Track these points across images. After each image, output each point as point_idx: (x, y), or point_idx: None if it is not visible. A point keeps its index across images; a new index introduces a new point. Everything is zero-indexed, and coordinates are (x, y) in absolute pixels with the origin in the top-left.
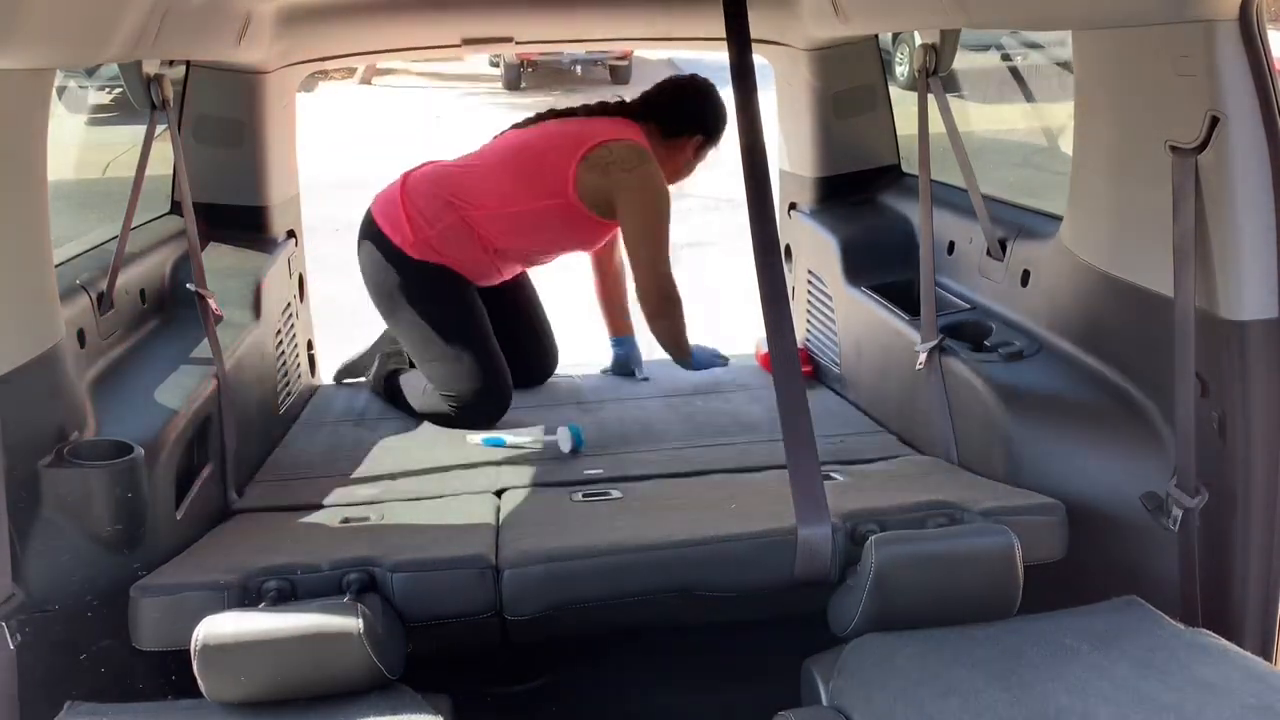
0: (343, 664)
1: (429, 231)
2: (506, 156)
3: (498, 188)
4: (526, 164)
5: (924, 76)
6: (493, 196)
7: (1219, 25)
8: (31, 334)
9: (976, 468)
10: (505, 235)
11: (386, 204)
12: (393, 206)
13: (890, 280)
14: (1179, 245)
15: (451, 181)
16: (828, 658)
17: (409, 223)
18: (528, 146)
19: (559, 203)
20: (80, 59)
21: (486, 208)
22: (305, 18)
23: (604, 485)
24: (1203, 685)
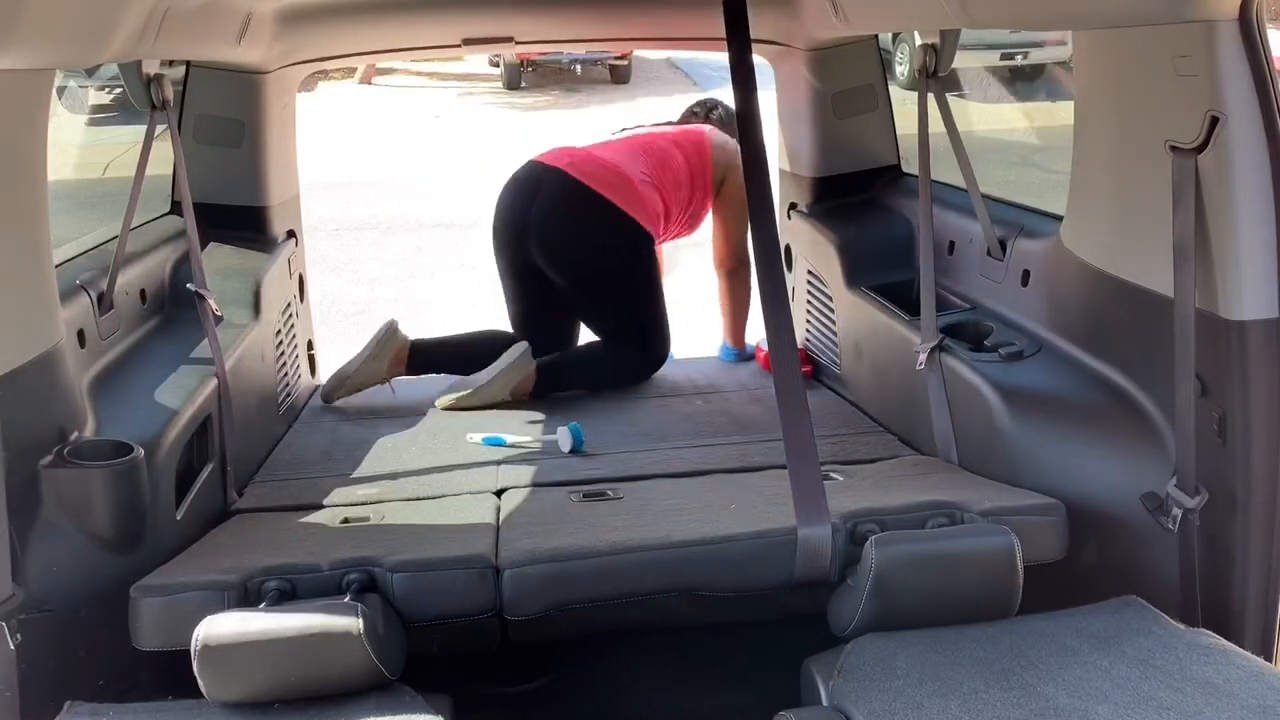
0: (343, 664)
1: (655, 209)
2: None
3: (669, 175)
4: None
5: (924, 76)
6: (666, 180)
7: (1219, 25)
8: (31, 334)
9: (976, 468)
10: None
11: (620, 181)
12: (626, 185)
13: (890, 280)
14: (1179, 245)
15: (650, 162)
16: (828, 658)
17: (647, 201)
18: (666, 139)
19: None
20: (80, 59)
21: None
22: (305, 18)
23: (604, 485)
24: (1203, 685)
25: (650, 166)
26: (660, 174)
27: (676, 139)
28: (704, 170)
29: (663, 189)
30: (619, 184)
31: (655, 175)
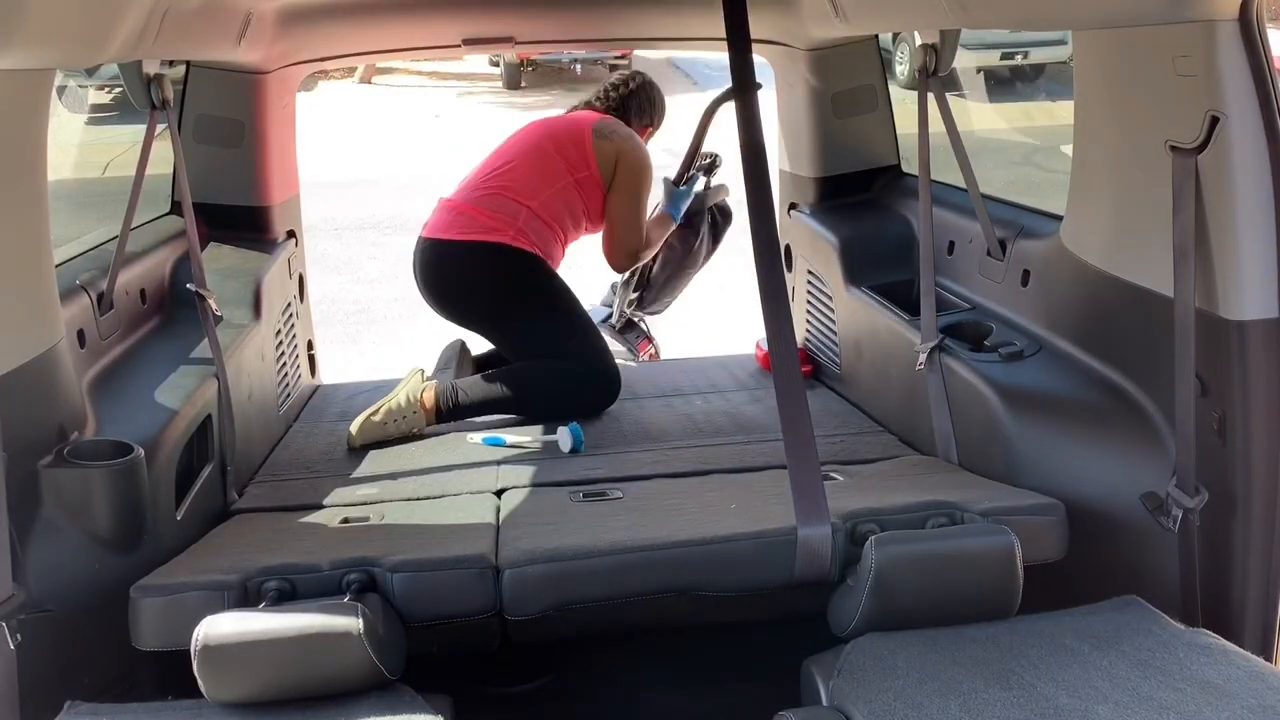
0: (343, 664)
1: (516, 225)
2: (529, 144)
3: (538, 172)
4: (549, 145)
5: (924, 76)
6: (536, 181)
7: (1219, 25)
8: (31, 334)
9: (976, 468)
10: (557, 216)
11: (460, 220)
12: (467, 220)
13: (890, 280)
14: (1179, 245)
15: (496, 181)
16: (828, 658)
17: (494, 223)
18: (542, 132)
19: (584, 175)
20: (80, 59)
21: (539, 194)
22: (305, 18)
23: (604, 485)
24: (1203, 685)
25: (502, 176)
26: (519, 179)
27: (553, 131)
28: (586, 163)
29: (520, 195)
30: (461, 220)
31: (510, 184)
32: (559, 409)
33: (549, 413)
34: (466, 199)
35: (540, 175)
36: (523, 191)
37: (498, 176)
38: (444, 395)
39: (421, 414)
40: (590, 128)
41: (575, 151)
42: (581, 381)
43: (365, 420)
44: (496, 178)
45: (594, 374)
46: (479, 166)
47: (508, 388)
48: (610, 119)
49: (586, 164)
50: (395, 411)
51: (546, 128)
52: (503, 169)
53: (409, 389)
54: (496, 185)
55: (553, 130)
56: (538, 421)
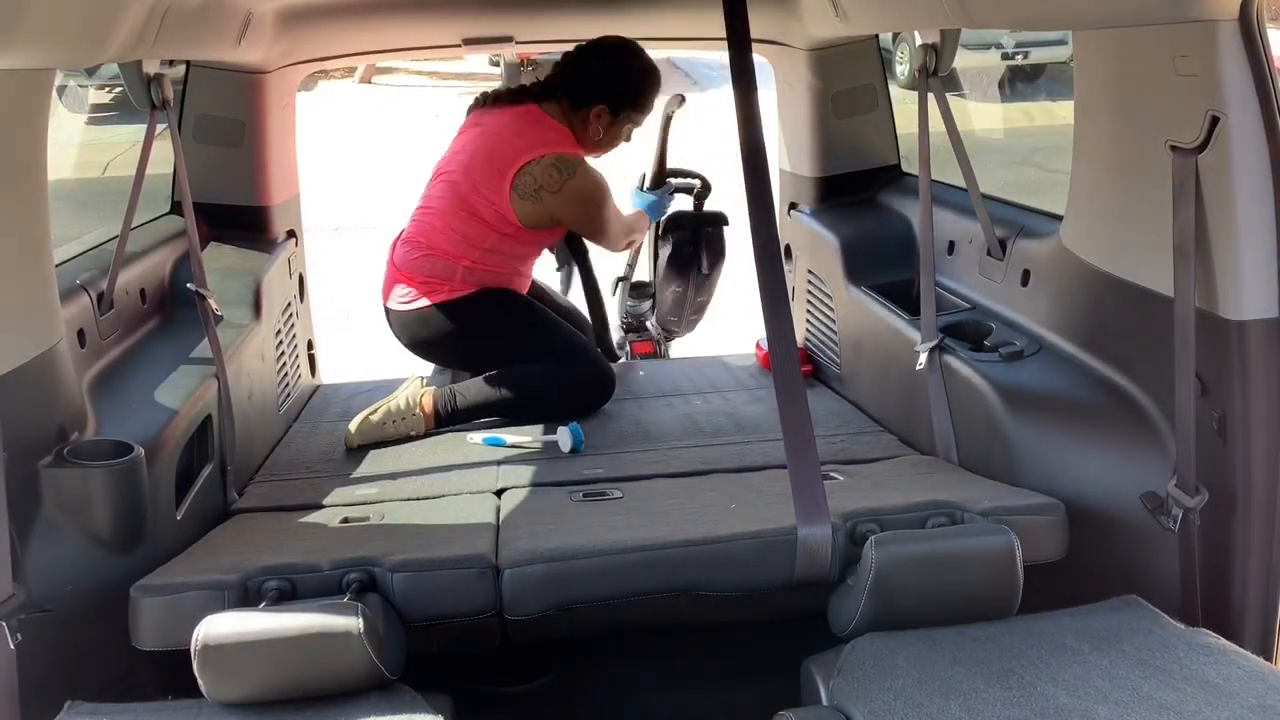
0: (343, 664)
1: (453, 282)
2: (447, 208)
3: (462, 234)
4: (467, 209)
5: (924, 76)
6: (461, 243)
7: (1219, 25)
8: (31, 334)
9: (976, 468)
10: (501, 262)
11: (400, 288)
12: (405, 287)
13: (890, 280)
14: (1179, 245)
15: (425, 238)
16: (828, 658)
17: (431, 286)
18: (457, 192)
19: (512, 230)
20: (80, 59)
21: (469, 253)
22: (305, 18)
23: (604, 485)
24: (1203, 685)
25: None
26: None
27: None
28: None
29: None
30: (400, 288)
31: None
32: (555, 410)
33: (546, 414)
34: (402, 260)
35: (464, 237)
36: (453, 252)
37: (425, 233)
38: (442, 399)
39: (421, 418)
40: (509, 186)
41: (498, 214)
42: (575, 382)
43: (364, 420)
44: (425, 234)
45: (586, 374)
46: (418, 203)
47: (505, 391)
48: (546, 153)
49: (513, 226)
50: (394, 413)
51: (463, 175)
52: (430, 222)
53: (409, 392)
54: (425, 244)
55: (473, 181)
56: (536, 422)
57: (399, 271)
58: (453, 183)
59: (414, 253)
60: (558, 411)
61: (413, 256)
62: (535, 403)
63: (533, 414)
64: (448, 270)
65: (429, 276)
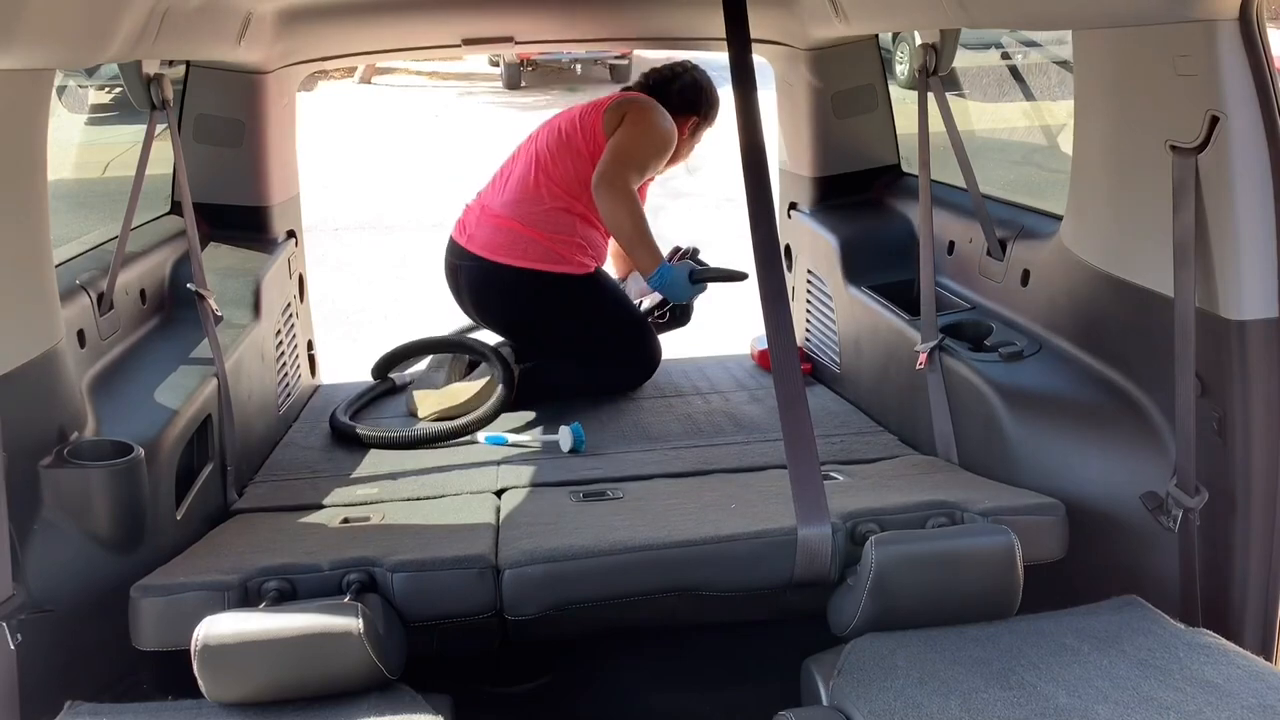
0: (343, 664)
1: (573, 243)
2: (551, 140)
3: (572, 163)
4: (567, 137)
5: (924, 76)
6: (573, 177)
7: (1219, 25)
8: (31, 334)
9: (976, 468)
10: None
11: (518, 243)
12: (526, 243)
13: (890, 280)
14: (1179, 245)
15: (544, 188)
16: (828, 658)
17: (554, 246)
18: (561, 126)
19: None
20: (80, 59)
21: (583, 193)
22: (305, 18)
23: (604, 485)
24: (1203, 685)
25: (550, 181)
26: (559, 178)
27: (582, 118)
28: (596, 144)
29: (566, 200)
30: (518, 243)
31: (560, 188)
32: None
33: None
34: (523, 218)
35: (576, 173)
36: (568, 195)
37: (540, 184)
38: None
39: None
40: (606, 103)
41: (591, 133)
42: (627, 370)
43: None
44: (543, 189)
45: (636, 363)
46: (517, 174)
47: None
48: (634, 94)
49: (597, 139)
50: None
51: (566, 118)
52: (544, 175)
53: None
54: (548, 195)
55: (574, 119)
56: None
57: (518, 225)
58: (556, 128)
59: (538, 205)
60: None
61: (539, 210)
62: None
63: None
64: (570, 226)
65: (554, 232)
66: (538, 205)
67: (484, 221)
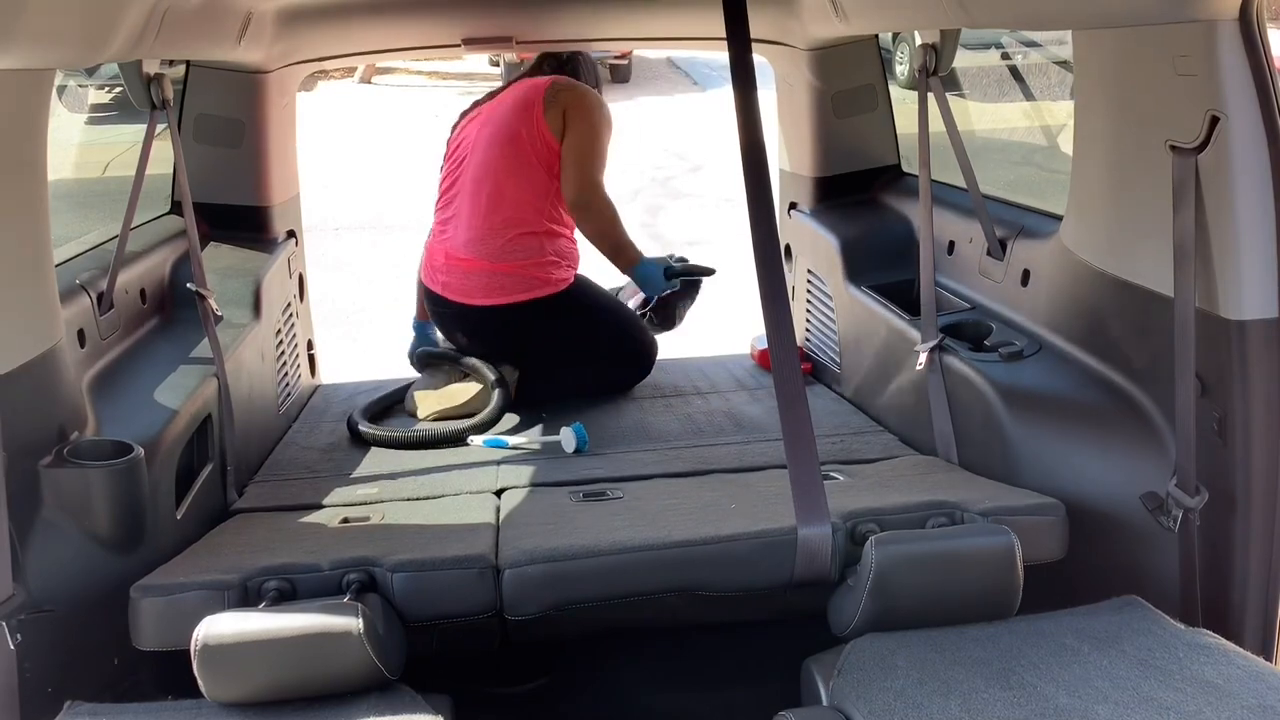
0: (343, 664)
1: (546, 261)
2: (493, 159)
3: (527, 185)
4: (513, 150)
5: (924, 76)
6: (531, 197)
7: (1219, 25)
8: (31, 334)
9: (976, 468)
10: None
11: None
12: (504, 280)
13: (890, 280)
14: (1179, 245)
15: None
16: (828, 658)
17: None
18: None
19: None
20: (80, 59)
21: (542, 210)
22: (305, 18)
23: (604, 485)
24: (1203, 685)
25: (505, 208)
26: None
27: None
28: (546, 143)
29: (532, 224)
30: (493, 282)
31: (518, 214)
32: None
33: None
34: (487, 255)
35: (533, 187)
36: (531, 217)
37: (498, 214)
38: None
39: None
40: (537, 101)
41: (537, 136)
42: (624, 369)
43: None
44: (498, 216)
45: (633, 360)
46: (468, 209)
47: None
48: (560, 78)
49: (545, 141)
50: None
51: (495, 134)
52: (498, 200)
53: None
54: (507, 225)
55: (506, 128)
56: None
57: (490, 265)
58: (495, 141)
59: (499, 238)
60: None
61: (500, 243)
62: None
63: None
64: (537, 248)
65: (524, 260)
66: (499, 238)
67: (453, 268)
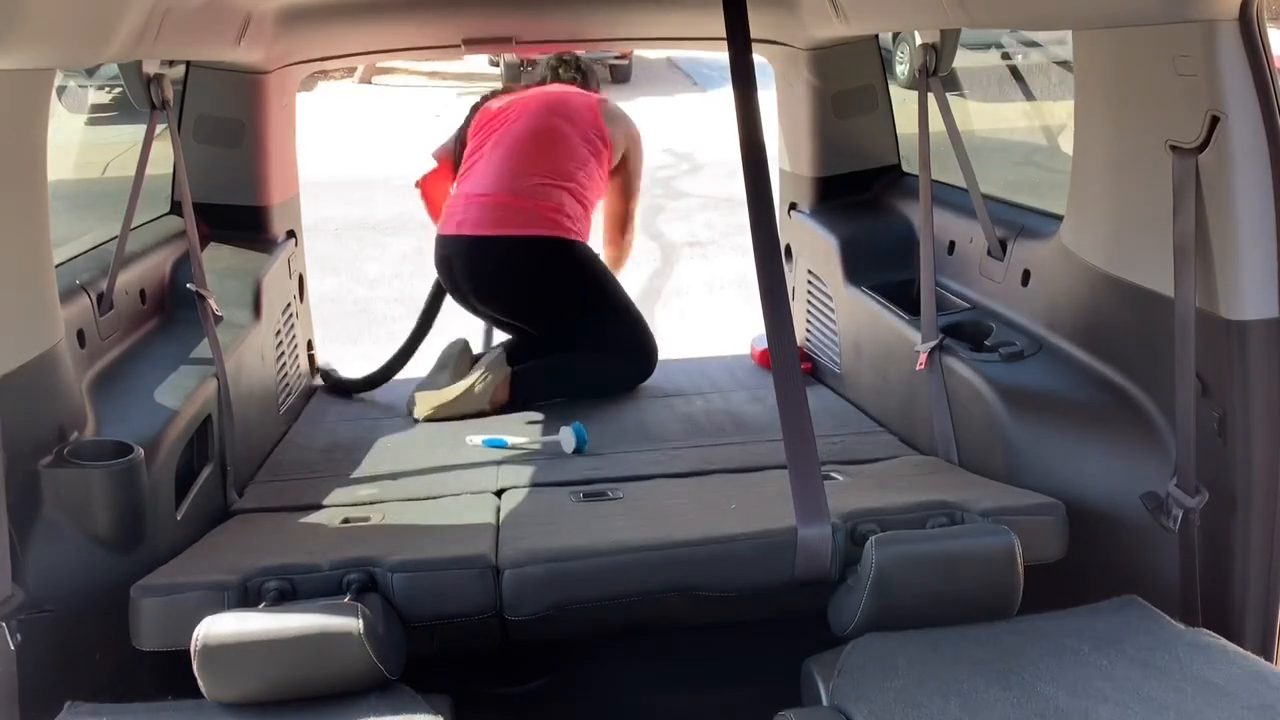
0: (343, 664)
1: (565, 212)
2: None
3: (565, 153)
4: (565, 126)
5: (924, 76)
6: (566, 163)
7: (1219, 25)
8: (31, 334)
9: (976, 468)
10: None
11: (511, 215)
12: (521, 214)
13: (890, 280)
14: (1179, 245)
15: (534, 168)
16: (828, 658)
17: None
18: (553, 111)
19: (602, 152)
20: (80, 59)
21: (573, 176)
22: (305, 18)
23: (604, 485)
24: (1203, 685)
25: (537, 162)
26: (552, 164)
27: (563, 110)
28: (603, 141)
29: (560, 179)
30: (507, 214)
31: (547, 170)
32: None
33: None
34: (511, 191)
35: (568, 156)
36: (560, 174)
37: (532, 163)
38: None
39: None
40: (598, 104)
41: (592, 131)
42: (625, 363)
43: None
44: (532, 165)
45: (636, 354)
46: (500, 158)
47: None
48: (607, 102)
49: (603, 141)
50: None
51: (550, 108)
52: (531, 154)
53: (485, 382)
54: (537, 173)
55: (562, 109)
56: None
57: (510, 199)
58: (539, 114)
59: (526, 180)
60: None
61: (522, 185)
62: (588, 385)
63: (585, 393)
64: (559, 199)
65: (546, 201)
66: (528, 179)
67: (470, 205)
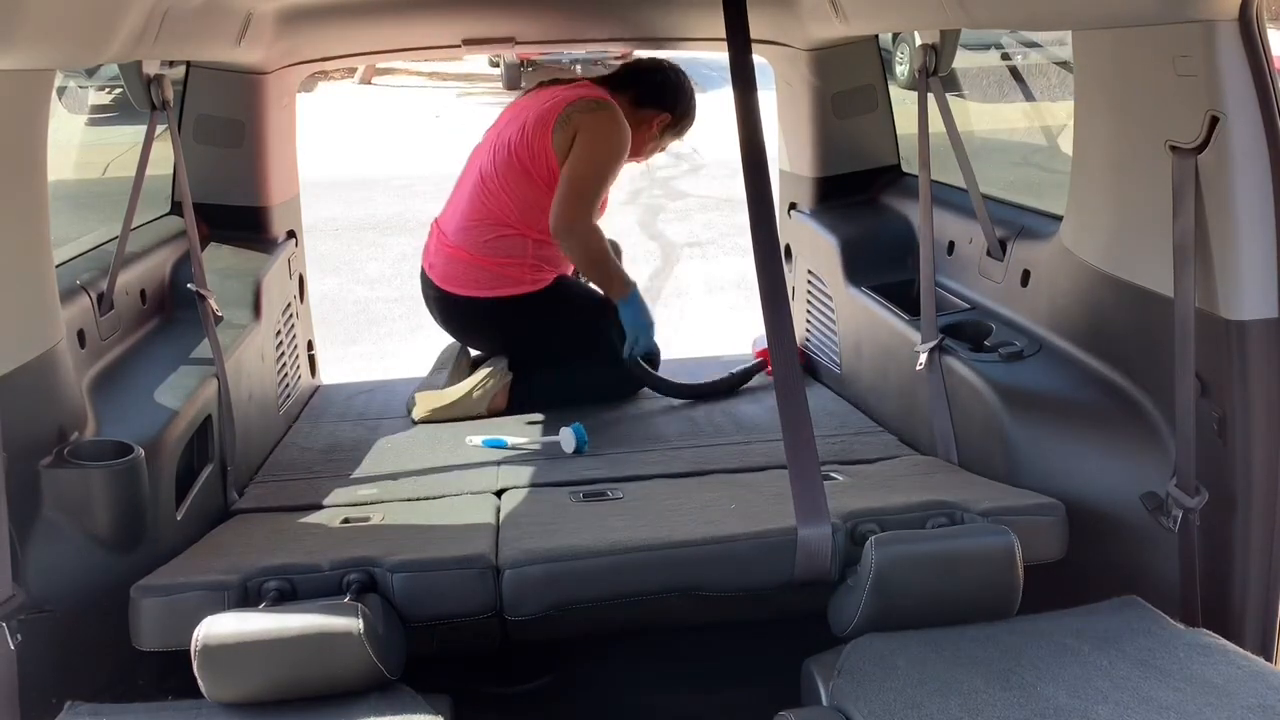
0: (343, 664)
1: (526, 263)
2: (499, 158)
3: (523, 194)
4: (516, 157)
5: (924, 76)
6: (525, 206)
7: (1219, 25)
8: (31, 334)
9: (976, 468)
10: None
11: (473, 274)
12: (481, 273)
13: (890, 280)
14: (1179, 245)
15: (491, 218)
16: (828, 658)
17: (510, 270)
18: (511, 141)
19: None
20: (80, 59)
21: (536, 221)
22: (305, 18)
23: (604, 485)
24: (1203, 685)
25: (497, 207)
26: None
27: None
28: (549, 166)
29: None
30: (469, 273)
31: (506, 214)
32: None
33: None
34: (471, 246)
35: (525, 198)
36: (519, 222)
37: (487, 210)
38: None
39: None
40: (554, 117)
41: (541, 156)
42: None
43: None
44: (489, 214)
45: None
46: (465, 194)
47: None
48: (592, 96)
49: (548, 162)
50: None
51: (518, 133)
52: (491, 198)
53: (485, 389)
54: (494, 222)
55: (524, 135)
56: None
57: (471, 256)
58: (505, 142)
59: (486, 233)
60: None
61: (486, 238)
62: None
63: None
64: (520, 248)
65: (506, 256)
66: (485, 233)
67: (440, 249)
